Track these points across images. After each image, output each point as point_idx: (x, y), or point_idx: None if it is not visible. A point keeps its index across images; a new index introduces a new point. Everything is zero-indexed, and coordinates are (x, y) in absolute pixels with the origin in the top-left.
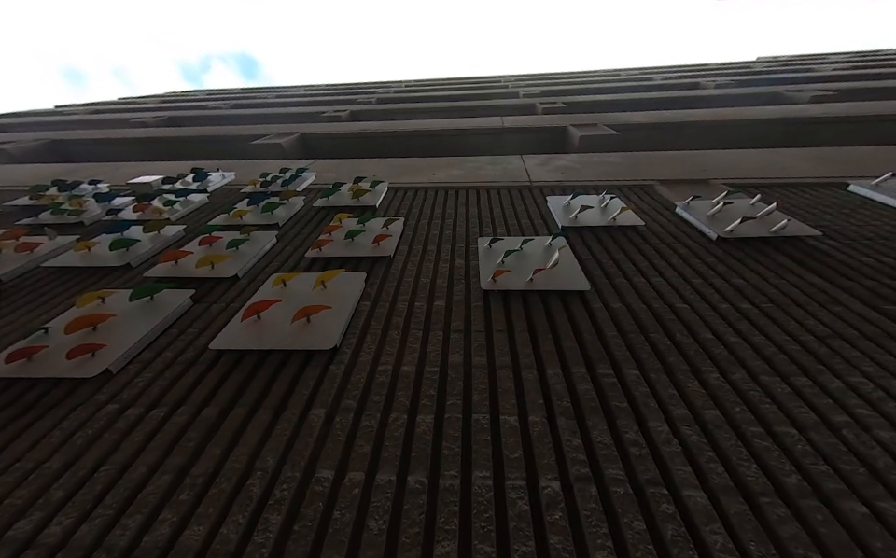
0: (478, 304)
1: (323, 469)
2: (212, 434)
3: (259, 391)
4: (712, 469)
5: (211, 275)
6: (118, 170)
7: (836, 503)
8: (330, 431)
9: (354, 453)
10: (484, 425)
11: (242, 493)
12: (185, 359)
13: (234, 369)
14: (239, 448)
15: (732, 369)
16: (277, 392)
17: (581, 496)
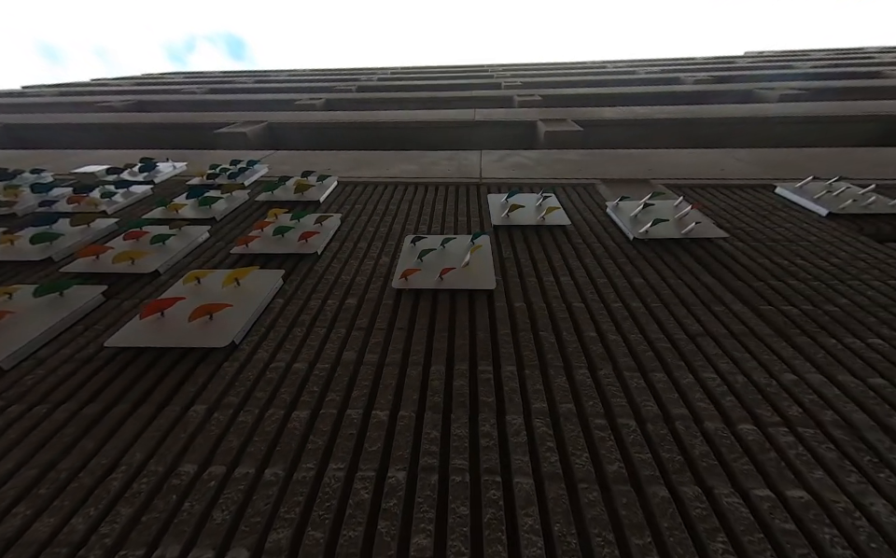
0: (388, 302)
1: (187, 464)
2: (90, 430)
3: (145, 388)
4: (547, 458)
5: (131, 271)
6: (67, 158)
7: (644, 488)
8: (205, 427)
9: (221, 448)
10: (355, 421)
11: (101, 487)
12: (82, 357)
13: (128, 366)
14: (112, 443)
15: (601, 365)
16: (164, 389)
17: (421, 485)
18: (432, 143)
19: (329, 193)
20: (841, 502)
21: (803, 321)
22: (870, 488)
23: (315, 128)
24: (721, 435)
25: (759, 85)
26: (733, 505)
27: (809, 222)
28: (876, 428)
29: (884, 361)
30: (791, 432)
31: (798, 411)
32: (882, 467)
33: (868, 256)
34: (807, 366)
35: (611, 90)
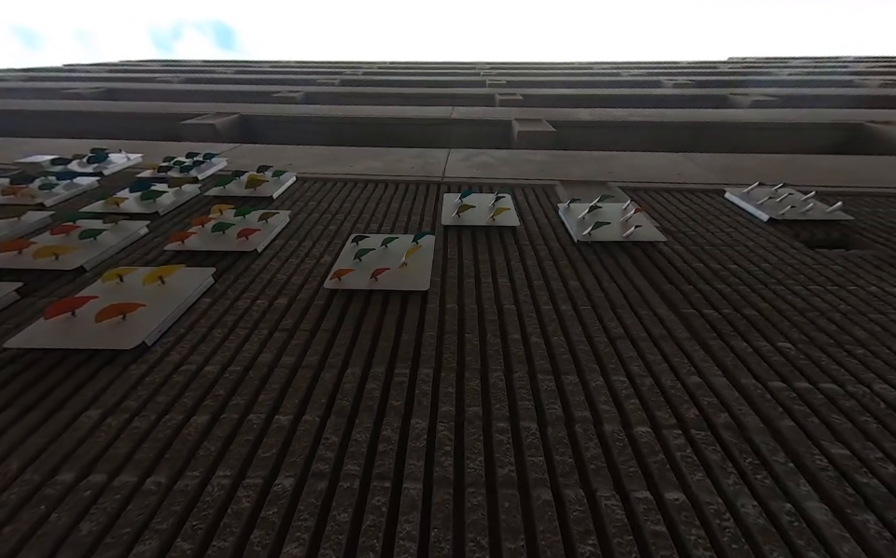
0: (319, 303)
1: (66, 472)
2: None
3: (41, 392)
4: (441, 463)
5: (54, 267)
6: (18, 146)
7: (530, 491)
8: (95, 433)
9: (107, 456)
10: (255, 426)
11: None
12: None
13: (28, 368)
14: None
15: (517, 368)
16: (60, 393)
17: (306, 492)
18: (408, 139)
19: (285, 189)
20: (714, 504)
21: (720, 324)
22: (745, 489)
23: (289, 122)
24: (617, 437)
25: (733, 91)
26: (611, 507)
27: (750, 227)
28: (765, 431)
29: (787, 365)
30: (684, 434)
31: (695, 414)
32: (761, 469)
33: (797, 261)
34: (714, 369)
35: (592, 92)
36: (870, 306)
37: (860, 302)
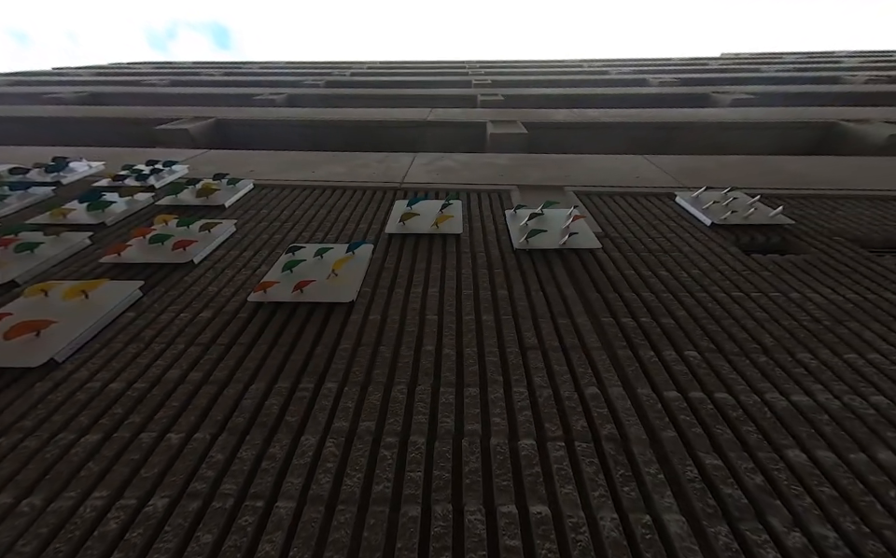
0: (243, 316)
1: None
2: None
3: None
4: (318, 480)
5: None
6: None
7: (401, 507)
8: None
9: None
10: (144, 444)
11: None
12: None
13: None
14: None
15: (422, 380)
16: None
17: (177, 512)
18: (385, 142)
19: (240, 198)
20: (575, 517)
21: (634, 333)
22: (609, 502)
23: (266, 125)
24: (499, 450)
25: (716, 89)
26: (473, 522)
27: (692, 232)
28: (646, 442)
29: (687, 374)
30: (566, 446)
31: (582, 425)
32: (630, 480)
33: (727, 267)
34: (615, 379)
35: (575, 91)
36: (785, 313)
37: (776, 309)
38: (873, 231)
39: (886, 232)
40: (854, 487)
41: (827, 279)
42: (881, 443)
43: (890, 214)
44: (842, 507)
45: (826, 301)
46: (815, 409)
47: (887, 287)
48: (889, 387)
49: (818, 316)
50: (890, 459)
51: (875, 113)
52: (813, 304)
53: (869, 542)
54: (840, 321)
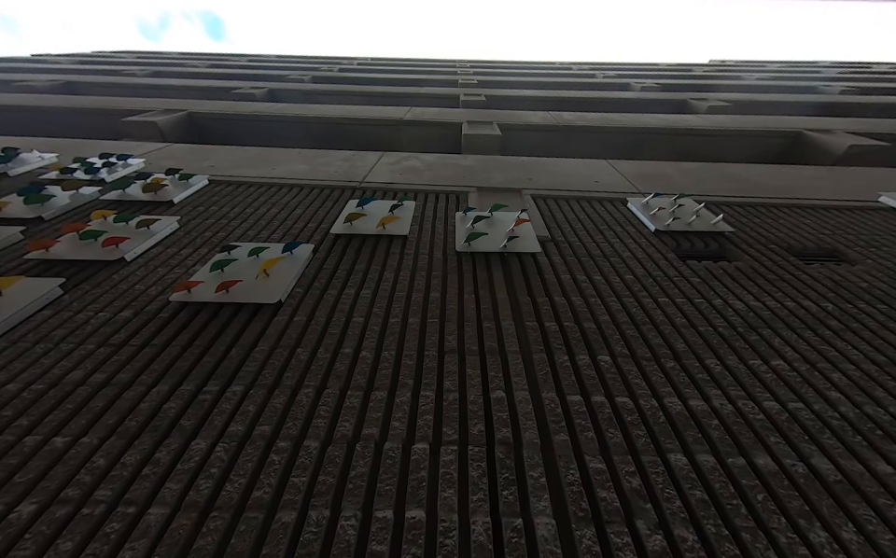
0: (164, 316)
1: None
2: None
3: None
4: (198, 486)
5: None
6: None
7: (276, 513)
8: None
9: None
10: (27, 448)
11: None
12: None
13: None
14: None
15: (331, 384)
16: None
17: (43, 519)
18: (362, 140)
19: (191, 194)
20: (448, 521)
21: (554, 337)
22: (485, 506)
23: (239, 120)
24: (390, 454)
25: (694, 95)
26: (346, 528)
27: (636, 237)
28: (537, 445)
29: (594, 379)
30: (458, 450)
31: (479, 429)
32: (512, 484)
33: (660, 273)
34: (523, 383)
35: (557, 94)
36: (704, 318)
37: (696, 315)
38: (807, 240)
39: (819, 241)
40: (725, 490)
41: (752, 286)
42: (761, 448)
43: (828, 223)
44: (708, 510)
45: (746, 308)
46: (707, 413)
47: (806, 295)
48: (784, 393)
49: (734, 322)
50: (768, 464)
51: (839, 123)
52: (732, 310)
53: (726, 545)
54: (754, 328)
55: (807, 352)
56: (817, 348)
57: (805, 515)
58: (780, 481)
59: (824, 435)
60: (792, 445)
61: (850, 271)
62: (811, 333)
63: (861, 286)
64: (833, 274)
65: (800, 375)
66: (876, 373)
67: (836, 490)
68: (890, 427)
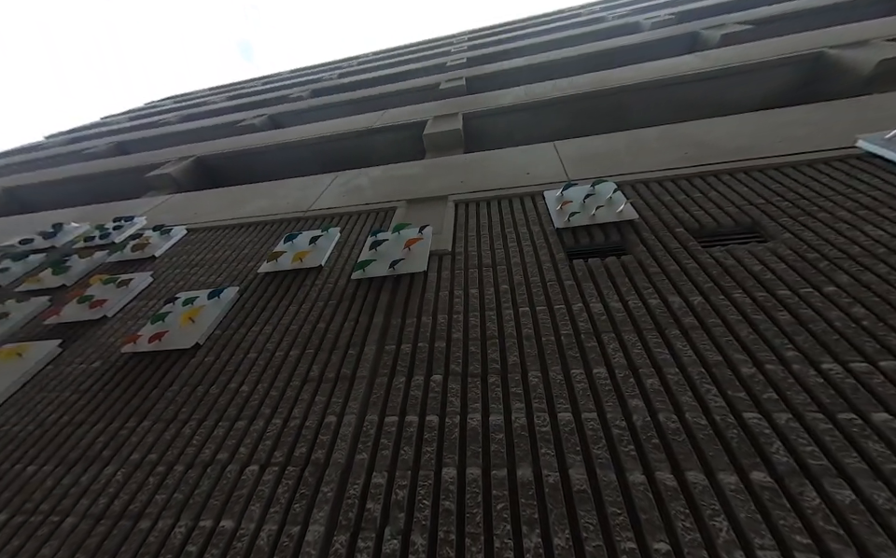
0: (118, 365)
1: None
2: None
3: None
4: (98, 502)
5: None
6: (25, 222)
7: (138, 522)
8: None
9: None
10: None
11: None
12: None
13: None
14: None
15: (211, 417)
16: None
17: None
18: (338, 156)
19: (171, 246)
20: (245, 530)
21: (403, 359)
22: (277, 516)
23: (236, 157)
24: (227, 476)
25: (709, 23)
26: (177, 534)
27: (536, 237)
28: (341, 465)
29: (416, 399)
30: (280, 470)
31: (301, 452)
32: (303, 498)
33: (536, 279)
34: (356, 406)
35: (552, 58)
36: (551, 328)
37: (546, 324)
38: (728, 215)
39: (742, 214)
40: (472, 500)
41: (623, 284)
42: (527, 461)
43: (767, 188)
44: (449, 518)
45: (601, 311)
46: (498, 428)
47: (673, 292)
48: (586, 404)
49: (581, 328)
50: (526, 475)
51: (881, 27)
52: (585, 316)
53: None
54: (600, 332)
55: (638, 356)
56: (652, 351)
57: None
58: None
59: (598, 445)
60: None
61: (755, 251)
62: (654, 335)
63: (754, 270)
64: (728, 258)
65: (615, 383)
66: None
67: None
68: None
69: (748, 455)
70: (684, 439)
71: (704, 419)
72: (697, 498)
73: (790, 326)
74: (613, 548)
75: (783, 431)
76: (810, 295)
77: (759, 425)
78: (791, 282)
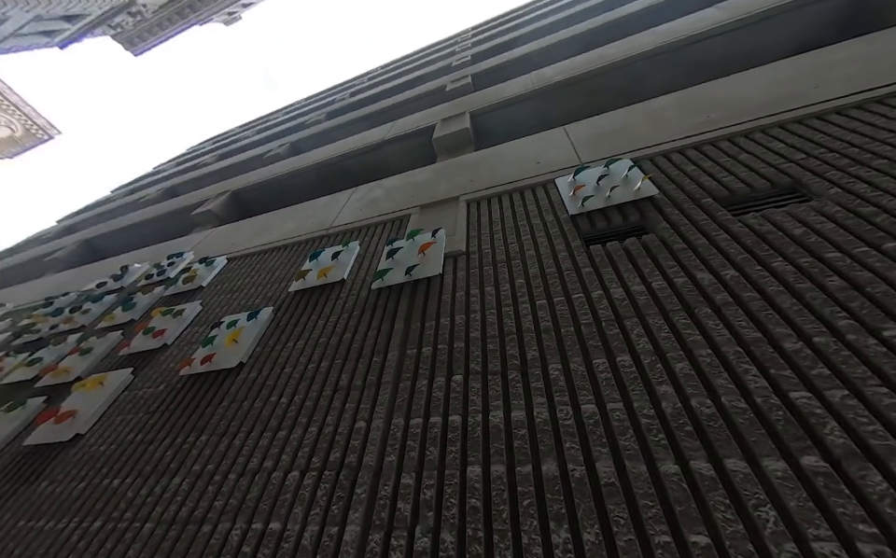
0: (178, 386)
1: None
2: None
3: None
4: (170, 509)
5: (65, 381)
6: (102, 267)
7: (219, 525)
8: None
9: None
10: (90, 484)
11: None
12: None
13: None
14: None
15: (256, 428)
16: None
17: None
18: (353, 174)
19: (215, 275)
20: (293, 533)
21: (424, 363)
22: (320, 516)
23: (263, 187)
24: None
25: None
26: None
27: (551, 227)
28: (372, 468)
29: (438, 400)
30: (318, 474)
31: (336, 456)
32: (340, 500)
33: (552, 270)
34: (384, 411)
35: (552, 40)
36: (570, 319)
37: (565, 315)
38: (762, 176)
39: (779, 173)
40: (498, 497)
41: (646, 265)
42: (552, 456)
43: (810, 140)
44: (476, 516)
45: (622, 296)
46: (521, 424)
47: (702, 268)
48: (611, 395)
49: (602, 316)
50: (551, 470)
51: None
52: (605, 303)
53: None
54: (622, 318)
55: (665, 340)
56: (681, 333)
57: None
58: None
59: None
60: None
61: (795, 212)
62: (682, 316)
63: (795, 234)
64: (764, 224)
65: (641, 371)
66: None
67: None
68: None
69: (796, 439)
70: (721, 424)
71: (743, 402)
72: (739, 487)
73: (842, 292)
74: (647, 542)
75: (838, 410)
76: (866, 255)
77: (808, 405)
78: (841, 242)
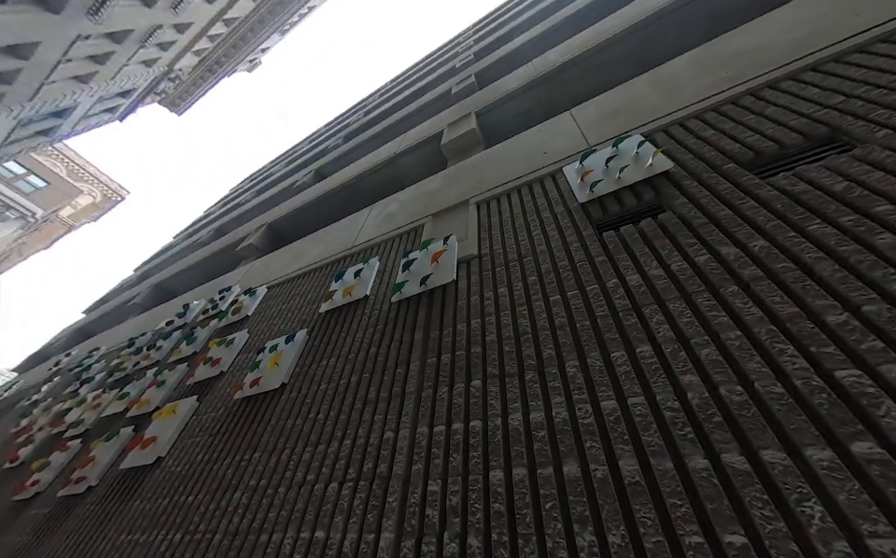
0: (234, 409)
1: None
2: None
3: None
4: (233, 521)
5: (147, 411)
6: (169, 308)
7: (273, 535)
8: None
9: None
10: (175, 500)
11: None
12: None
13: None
14: None
15: (299, 444)
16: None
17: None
18: (371, 192)
19: (258, 304)
20: (332, 539)
21: (444, 370)
22: (356, 525)
23: (293, 216)
24: (290, 494)
25: None
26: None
27: (561, 218)
28: (401, 477)
29: (459, 407)
30: (353, 485)
31: (368, 467)
32: (374, 508)
33: (564, 263)
34: (409, 421)
35: (551, 23)
36: (585, 313)
37: (579, 309)
38: (792, 130)
39: (812, 123)
40: (521, 501)
41: (663, 247)
42: (572, 456)
43: (850, 79)
44: (500, 520)
45: (638, 283)
46: (540, 425)
47: (726, 242)
48: (631, 388)
49: (619, 306)
50: (572, 471)
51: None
52: (621, 291)
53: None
54: (640, 306)
55: (688, 325)
56: (705, 317)
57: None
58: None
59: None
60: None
61: (834, 165)
62: (706, 298)
63: (835, 190)
64: (797, 183)
65: (662, 361)
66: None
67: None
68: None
69: (844, 423)
70: (755, 412)
71: (779, 386)
72: (778, 481)
73: (894, 250)
74: (676, 543)
75: (895, 388)
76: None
77: (858, 385)
78: (892, 192)
